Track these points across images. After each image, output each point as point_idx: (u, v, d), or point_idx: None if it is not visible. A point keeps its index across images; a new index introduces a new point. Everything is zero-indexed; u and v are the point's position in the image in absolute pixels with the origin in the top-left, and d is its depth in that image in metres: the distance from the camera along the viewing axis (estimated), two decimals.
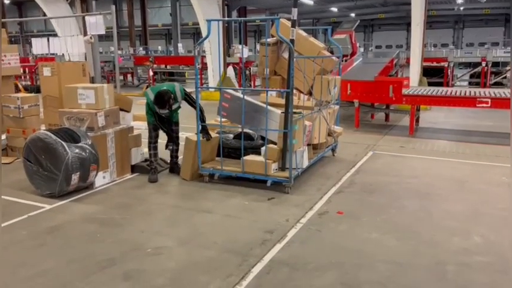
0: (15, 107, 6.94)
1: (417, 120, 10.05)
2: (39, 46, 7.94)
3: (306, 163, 5.83)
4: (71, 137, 5.34)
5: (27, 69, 20.50)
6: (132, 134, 6.28)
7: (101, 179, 5.69)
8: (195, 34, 39.52)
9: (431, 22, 29.87)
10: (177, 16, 26.67)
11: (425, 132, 9.52)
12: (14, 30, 39.93)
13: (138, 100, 15.30)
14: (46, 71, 6.68)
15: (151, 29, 33.31)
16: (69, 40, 7.47)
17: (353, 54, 14.75)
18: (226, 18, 8.31)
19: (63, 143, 5.13)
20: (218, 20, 6.43)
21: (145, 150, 6.24)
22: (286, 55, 6.52)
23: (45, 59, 15.81)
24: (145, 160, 6.47)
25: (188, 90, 6.13)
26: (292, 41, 5.26)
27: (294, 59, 5.39)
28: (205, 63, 16.89)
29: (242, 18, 21.31)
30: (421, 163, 6.96)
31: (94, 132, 5.59)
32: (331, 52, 8.82)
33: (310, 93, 6.60)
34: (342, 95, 8.82)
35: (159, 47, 36.41)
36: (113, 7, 7.11)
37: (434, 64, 17.29)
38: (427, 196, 5.34)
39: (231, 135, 6.16)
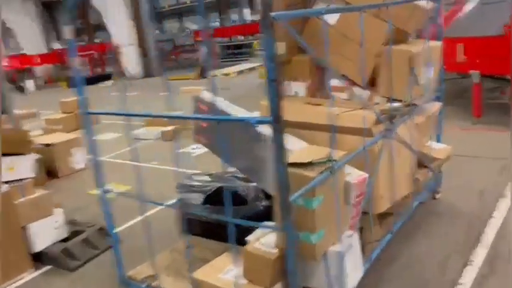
0: None
1: None
2: None
3: (354, 279, 2.37)
4: None
5: None
6: (30, 195, 3.39)
7: None
8: None
9: None
10: None
11: None
12: None
13: (183, 87, 12.01)
14: None
15: None
16: None
17: None
18: None
19: None
20: None
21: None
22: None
23: None
24: (65, 239, 3.51)
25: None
26: None
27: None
28: None
29: None
30: None
31: None
32: None
33: (372, 85, 3.09)
34: (448, 63, 5.07)
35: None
36: None
37: None
38: None
39: (199, 196, 2.92)
